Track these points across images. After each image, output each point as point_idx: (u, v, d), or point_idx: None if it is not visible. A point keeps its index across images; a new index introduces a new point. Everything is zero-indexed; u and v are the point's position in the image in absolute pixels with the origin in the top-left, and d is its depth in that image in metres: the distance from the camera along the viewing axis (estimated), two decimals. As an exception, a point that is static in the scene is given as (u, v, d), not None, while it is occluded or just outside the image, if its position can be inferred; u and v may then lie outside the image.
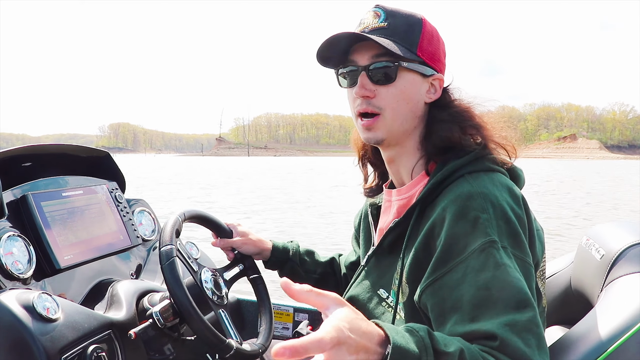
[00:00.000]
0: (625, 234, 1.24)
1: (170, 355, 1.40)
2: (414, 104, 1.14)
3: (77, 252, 1.49)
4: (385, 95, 1.11)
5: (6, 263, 1.27)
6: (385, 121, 1.12)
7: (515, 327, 0.86)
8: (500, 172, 1.08)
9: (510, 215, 0.98)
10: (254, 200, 15.50)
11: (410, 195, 1.16)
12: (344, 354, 0.70)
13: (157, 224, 1.88)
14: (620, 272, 1.17)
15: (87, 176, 1.72)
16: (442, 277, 0.96)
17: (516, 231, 0.97)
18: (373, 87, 1.11)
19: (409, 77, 1.12)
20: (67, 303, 1.25)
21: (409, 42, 1.11)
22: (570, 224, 10.59)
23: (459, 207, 0.98)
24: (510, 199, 1.01)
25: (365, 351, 0.73)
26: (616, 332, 0.99)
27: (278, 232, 9.33)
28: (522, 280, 0.92)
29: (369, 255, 1.22)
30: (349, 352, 0.71)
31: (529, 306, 0.89)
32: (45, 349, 1.11)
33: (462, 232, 0.96)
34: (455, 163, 1.06)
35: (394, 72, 1.10)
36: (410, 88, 1.12)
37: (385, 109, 1.12)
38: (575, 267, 1.41)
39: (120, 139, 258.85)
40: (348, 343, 0.70)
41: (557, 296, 1.45)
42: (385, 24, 1.11)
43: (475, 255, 0.93)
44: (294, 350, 0.64)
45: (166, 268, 1.22)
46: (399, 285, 1.08)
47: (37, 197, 1.45)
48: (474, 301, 0.90)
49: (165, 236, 1.27)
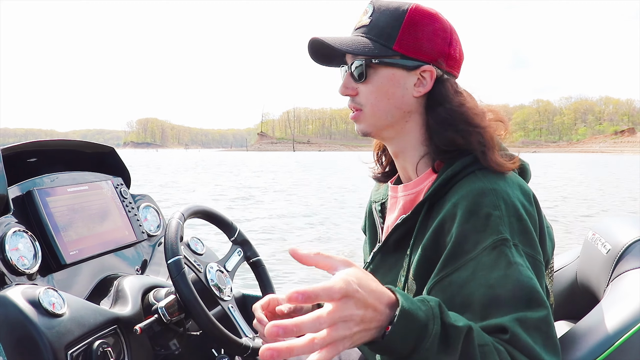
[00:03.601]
0: (631, 228, 1.23)
1: (175, 350, 1.41)
2: (398, 99, 1.11)
3: (82, 247, 1.50)
4: (364, 92, 1.12)
5: (12, 258, 1.28)
6: (365, 116, 1.14)
7: (525, 324, 0.86)
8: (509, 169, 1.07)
9: (522, 212, 0.97)
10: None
11: (417, 191, 1.14)
12: (352, 307, 0.70)
13: (162, 219, 1.88)
14: (627, 267, 1.16)
15: (93, 172, 1.73)
16: (452, 274, 0.95)
17: (528, 229, 0.96)
18: (355, 85, 1.13)
19: (385, 73, 1.10)
20: (73, 298, 1.26)
21: (385, 37, 1.09)
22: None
23: (471, 203, 0.97)
24: (522, 196, 1.00)
25: (373, 309, 0.73)
26: (622, 326, 0.98)
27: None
28: (533, 279, 0.91)
29: (374, 253, 1.20)
30: (357, 306, 0.71)
31: (541, 305, 0.88)
32: (51, 344, 1.12)
33: (474, 229, 0.95)
34: (465, 159, 1.05)
35: (365, 70, 1.11)
36: (388, 84, 1.11)
37: (365, 105, 1.13)
38: (581, 261, 1.41)
39: (148, 134, 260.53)
40: (356, 297, 0.70)
41: (563, 291, 1.44)
42: (369, 20, 1.11)
43: (487, 253, 0.92)
44: (307, 296, 0.66)
45: (179, 280, 1.26)
46: (404, 282, 1.07)
47: (43, 193, 1.46)
48: (484, 300, 0.89)
49: (171, 245, 1.29)
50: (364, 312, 0.72)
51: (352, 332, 0.72)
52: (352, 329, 0.72)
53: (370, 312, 0.73)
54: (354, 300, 0.71)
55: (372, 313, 0.73)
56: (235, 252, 1.53)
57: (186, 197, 15.14)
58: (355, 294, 0.71)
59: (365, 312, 0.72)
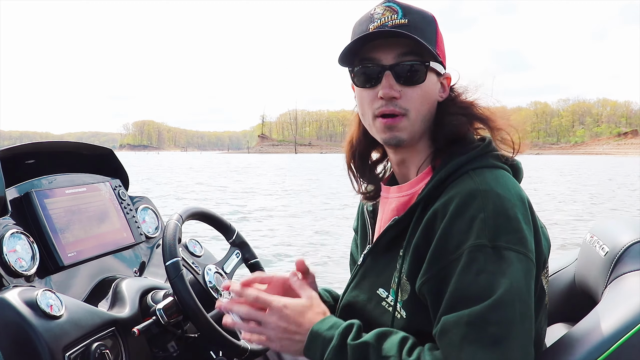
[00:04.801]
0: (630, 230, 1.24)
1: (173, 352, 1.40)
2: (432, 105, 1.11)
3: (80, 249, 1.49)
4: (412, 96, 1.07)
5: (10, 260, 1.27)
6: (409, 122, 1.08)
7: (459, 320, 0.92)
8: (504, 169, 1.07)
9: (512, 212, 0.97)
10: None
11: (412, 193, 1.13)
12: (275, 318, 1.04)
13: (160, 221, 1.88)
14: (625, 269, 1.16)
15: (91, 173, 1.73)
16: (437, 274, 0.97)
17: (518, 227, 0.97)
18: (399, 87, 1.06)
19: (432, 77, 1.09)
20: (71, 300, 1.25)
21: (430, 39, 1.06)
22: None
23: (459, 203, 0.98)
24: (514, 198, 1.00)
25: (296, 325, 1.04)
26: (620, 329, 0.98)
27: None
28: (501, 288, 0.92)
29: (365, 254, 1.19)
30: (280, 319, 1.04)
31: (495, 310, 0.91)
32: (48, 346, 1.12)
33: (457, 230, 0.96)
34: (459, 160, 1.05)
35: (423, 73, 1.06)
36: (432, 88, 1.10)
37: (411, 110, 1.07)
38: (579, 263, 1.41)
39: (145, 137, 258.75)
40: (280, 313, 1.04)
41: (561, 293, 1.44)
42: (406, 20, 1.05)
43: (465, 255, 0.94)
44: (246, 284, 1.13)
45: (177, 282, 1.27)
46: (398, 283, 1.07)
47: (41, 195, 1.45)
48: (449, 301, 0.94)
49: (169, 247, 1.29)
50: (286, 324, 1.03)
51: (277, 336, 1.04)
52: (277, 334, 1.04)
53: (293, 327, 1.03)
54: (278, 315, 1.04)
55: (295, 327, 1.03)
56: (233, 254, 1.53)
57: (242, 202, 14.78)
58: (279, 311, 1.04)
59: (288, 325, 1.03)
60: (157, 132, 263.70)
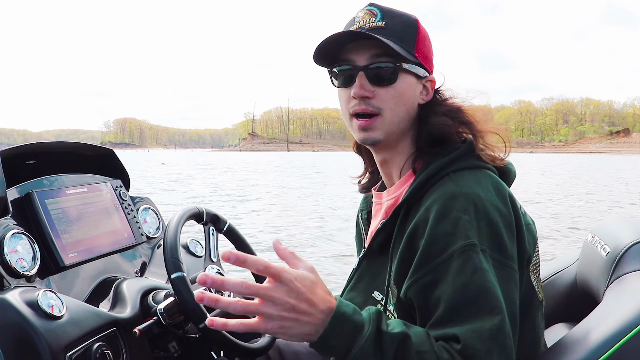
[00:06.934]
0: (631, 231, 1.23)
1: (175, 352, 1.40)
2: (410, 106, 1.13)
3: (81, 250, 1.49)
4: (385, 96, 1.09)
5: (11, 261, 1.27)
6: (384, 122, 1.10)
7: (481, 334, 0.89)
8: (487, 169, 1.08)
9: (492, 216, 0.98)
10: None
11: (397, 196, 1.15)
12: (283, 292, 0.81)
13: (161, 221, 1.88)
14: (626, 269, 1.16)
15: (92, 174, 1.73)
16: (423, 277, 0.97)
17: (498, 232, 0.98)
18: (372, 87, 1.09)
19: (407, 79, 1.11)
20: (72, 301, 1.25)
21: (407, 42, 1.10)
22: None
23: (441, 206, 0.99)
24: (496, 198, 1.01)
25: (308, 303, 0.82)
26: (621, 329, 0.98)
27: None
28: (495, 286, 0.93)
29: (360, 259, 1.21)
30: (289, 295, 0.81)
31: (499, 313, 0.91)
32: (49, 347, 1.12)
33: (444, 233, 0.97)
34: (440, 162, 1.06)
35: (394, 73, 1.09)
36: (408, 89, 1.11)
37: (385, 110, 1.10)
38: (581, 264, 1.41)
39: (127, 134, 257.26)
40: (289, 286, 0.81)
41: (562, 293, 1.44)
42: (383, 23, 1.09)
43: (455, 257, 0.95)
44: (236, 257, 0.80)
45: (178, 282, 1.26)
46: (387, 286, 1.08)
47: (42, 195, 1.45)
48: (450, 303, 0.93)
49: (170, 247, 1.29)
50: (296, 301, 0.81)
51: (280, 315, 0.81)
52: (280, 312, 0.81)
53: (304, 305, 0.82)
54: (287, 288, 0.81)
55: (306, 306, 0.82)
56: (209, 233, 1.51)
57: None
58: (289, 282, 0.81)
59: (298, 303, 0.81)
60: (138, 129, 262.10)
